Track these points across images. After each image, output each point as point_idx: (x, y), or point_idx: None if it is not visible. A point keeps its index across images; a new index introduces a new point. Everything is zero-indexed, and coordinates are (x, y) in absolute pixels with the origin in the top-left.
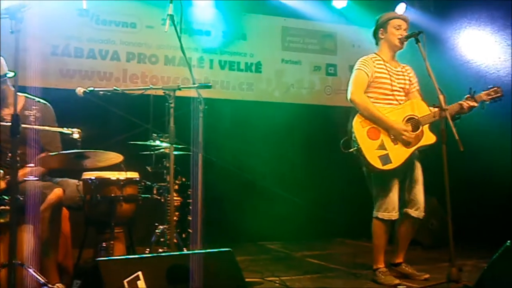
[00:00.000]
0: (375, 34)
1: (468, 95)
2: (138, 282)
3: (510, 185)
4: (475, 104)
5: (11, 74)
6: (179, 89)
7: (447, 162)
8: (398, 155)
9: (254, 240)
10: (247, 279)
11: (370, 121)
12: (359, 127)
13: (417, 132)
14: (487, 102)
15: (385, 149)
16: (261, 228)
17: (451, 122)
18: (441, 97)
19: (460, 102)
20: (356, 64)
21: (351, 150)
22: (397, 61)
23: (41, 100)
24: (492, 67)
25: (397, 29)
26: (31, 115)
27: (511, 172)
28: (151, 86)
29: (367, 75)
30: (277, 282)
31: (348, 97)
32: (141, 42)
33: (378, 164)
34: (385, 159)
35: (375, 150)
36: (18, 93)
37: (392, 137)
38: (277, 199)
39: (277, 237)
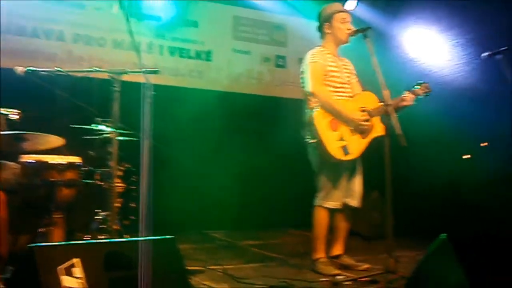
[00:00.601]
0: (320, 29)
1: (407, 91)
2: (75, 269)
3: (448, 180)
4: (413, 96)
5: None
6: (125, 73)
7: (389, 156)
8: (356, 145)
9: (199, 228)
10: (189, 267)
11: (330, 112)
12: (320, 119)
13: (369, 123)
14: (421, 96)
15: (343, 140)
16: (206, 217)
17: (394, 117)
18: (385, 92)
19: (399, 97)
20: (308, 57)
21: (312, 141)
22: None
23: None
24: (435, 66)
25: (343, 22)
26: None
27: (448, 167)
28: (95, 68)
29: (321, 66)
30: (220, 270)
31: (309, 90)
32: (89, 23)
33: (340, 155)
34: (346, 149)
35: (336, 141)
36: None
37: (351, 128)
38: (223, 188)
39: (222, 226)
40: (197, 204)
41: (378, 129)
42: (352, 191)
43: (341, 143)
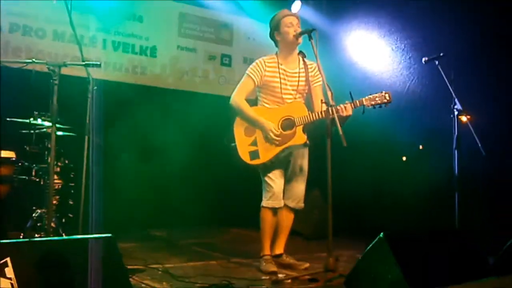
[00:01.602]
0: (272, 38)
1: (347, 101)
2: (6, 269)
3: (388, 179)
4: (350, 106)
5: None
6: (65, 65)
7: (331, 156)
8: (267, 151)
9: (141, 227)
10: (129, 266)
11: (246, 122)
12: (238, 125)
13: (289, 131)
14: (369, 107)
15: (256, 145)
16: (148, 216)
17: (336, 118)
18: (329, 93)
19: (339, 105)
20: (249, 67)
21: (233, 144)
22: (300, 59)
23: None
24: (376, 70)
25: (290, 26)
26: None
27: (388, 168)
28: (33, 60)
29: (254, 81)
30: (160, 269)
31: (230, 101)
32: (27, 13)
33: (246, 159)
34: (254, 154)
35: (247, 145)
36: None
37: (264, 135)
38: (165, 186)
39: (164, 225)
40: (139, 203)
41: (298, 138)
42: (291, 193)
43: (252, 148)
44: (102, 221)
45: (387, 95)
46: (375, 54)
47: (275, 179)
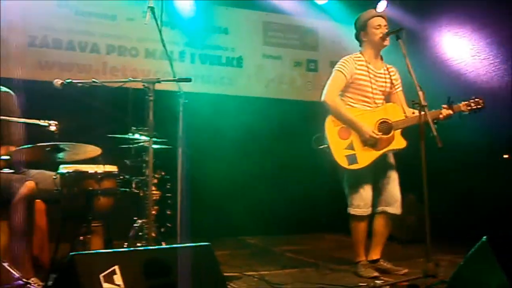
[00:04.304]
0: (358, 38)
1: (445, 105)
2: (115, 277)
3: (486, 182)
4: (450, 113)
5: None
6: (159, 82)
7: (425, 158)
8: (366, 156)
9: (234, 234)
10: (225, 274)
11: (342, 122)
12: (331, 126)
13: (388, 135)
14: (466, 113)
15: (353, 149)
16: (241, 223)
17: (429, 119)
18: (420, 93)
19: (438, 110)
20: (337, 64)
21: (322, 146)
22: (382, 60)
23: (3, 89)
24: (471, 65)
25: (377, 28)
26: None
27: (487, 169)
28: (130, 78)
29: (345, 76)
30: (256, 276)
31: (322, 99)
32: (121, 34)
33: (344, 163)
34: (352, 159)
35: (343, 149)
36: None
37: (362, 139)
38: (257, 194)
39: (257, 232)
40: (231, 210)
41: (397, 142)
42: (389, 198)
43: (348, 151)
44: (197, 229)
45: (481, 101)
46: (468, 49)
47: (365, 186)
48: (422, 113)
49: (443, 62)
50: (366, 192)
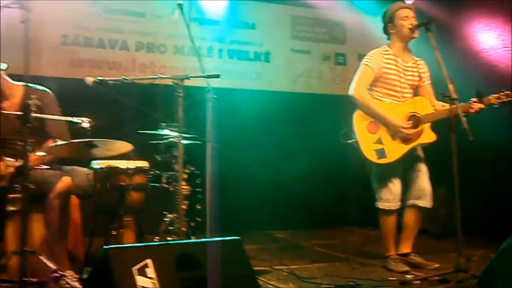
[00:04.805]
0: (385, 30)
1: (475, 98)
2: (147, 270)
3: None
4: (482, 106)
5: (4, 66)
6: (188, 78)
7: (456, 151)
8: (395, 150)
9: (263, 229)
10: (255, 268)
11: (370, 116)
12: (359, 120)
13: (416, 129)
14: (496, 106)
15: (381, 143)
16: (270, 217)
17: (460, 112)
18: (451, 86)
19: (468, 103)
20: (365, 57)
21: (350, 141)
22: (410, 53)
23: (40, 88)
24: (502, 57)
25: (405, 19)
26: (32, 105)
27: None
28: (159, 75)
29: (373, 70)
30: (285, 270)
31: (350, 93)
32: (150, 31)
33: (372, 157)
34: (381, 153)
35: (372, 143)
36: (17, 83)
37: (391, 132)
38: (285, 188)
39: (285, 226)
40: (260, 205)
41: (426, 136)
42: (419, 192)
43: (377, 146)
44: (226, 224)
45: (511, 93)
46: (499, 41)
47: (394, 180)
48: (453, 106)
49: (474, 54)
50: (395, 186)
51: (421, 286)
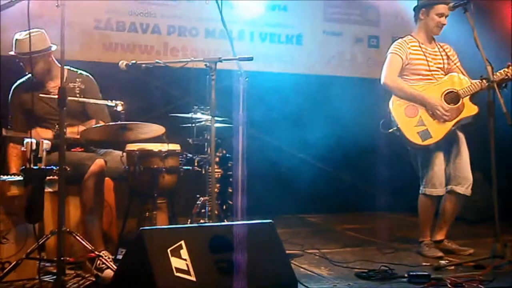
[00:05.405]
0: (416, 13)
1: (510, 63)
2: (181, 251)
3: None
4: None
5: (54, 47)
6: (221, 61)
7: (494, 135)
8: (438, 129)
9: (295, 212)
10: (287, 251)
11: (407, 99)
12: (396, 107)
13: (457, 104)
14: None
15: (424, 125)
16: (302, 201)
17: (499, 94)
18: (488, 68)
19: (504, 70)
20: (391, 47)
21: (391, 130)
22: (434, 40)
23: (83, 72)
24: None
25: (440, 16)
26: (75, 87)
27: None
28: (192, 58)
29: (401, 58)
30: (317, 254)
31: (382, 82)
32: (181, 15)
33: (418, 140)
34: (425, 134)
35: (414, 126)
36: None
37: (430, 112)
38: (318, 172)
39: (318, 210)
40: (292, 189)
41: (468, 110)
42: (460, 178)
43: (420, 128)
44: (258, 207)
45: None
46: None
47: (438, 163)
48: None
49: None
50: (440, 170)
51: (455, 272)
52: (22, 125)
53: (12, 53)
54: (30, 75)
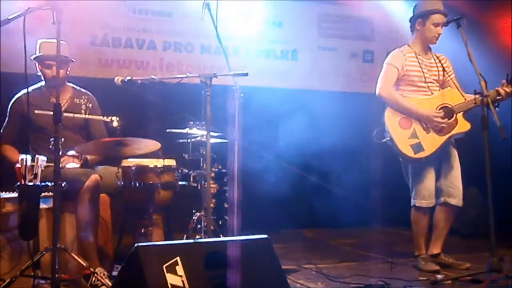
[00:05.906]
0: (412, 24)
1: (505, 81)
2: (177, 267)
3: None
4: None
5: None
6: (216, 77)
7: (489, 150)
8: (431, 143)
9: (291, 227)
10: (283, 267)
11: (401, 112)
12: (390, 117)
13: (451, 120)
14: None
15: (417, 137)
16: (298, 216)
17: (493, 108)
18: (482, 83)
19: (497, 88)
20: (387, 58)
21: (384, 140)
22: (430, 51)
23: (86, 91)
24: None
25: (436, 26)
26: (82, 104)
27: None
28: (187, 74)
29: (397, 69)
30: (314, 269)
31: (377, 92)
32: (177, 31)
33: (410, 153)
34: (418, 147)
35: (407, 139)
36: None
37: (424, 125)
38: (314, 187)
39: (314, 225)
40: (287, 204)
41: (461, 126)
42: (451, 189)
43: (413, 140)
44: (254, 222)
45: None
46: None
47: (428, 176)
48: (486, 108)
49: (505, 50)
50: (430, 182)
51: (452, 286)
52: (14, 133)
53: (35, 56)
54: (38, 85)
